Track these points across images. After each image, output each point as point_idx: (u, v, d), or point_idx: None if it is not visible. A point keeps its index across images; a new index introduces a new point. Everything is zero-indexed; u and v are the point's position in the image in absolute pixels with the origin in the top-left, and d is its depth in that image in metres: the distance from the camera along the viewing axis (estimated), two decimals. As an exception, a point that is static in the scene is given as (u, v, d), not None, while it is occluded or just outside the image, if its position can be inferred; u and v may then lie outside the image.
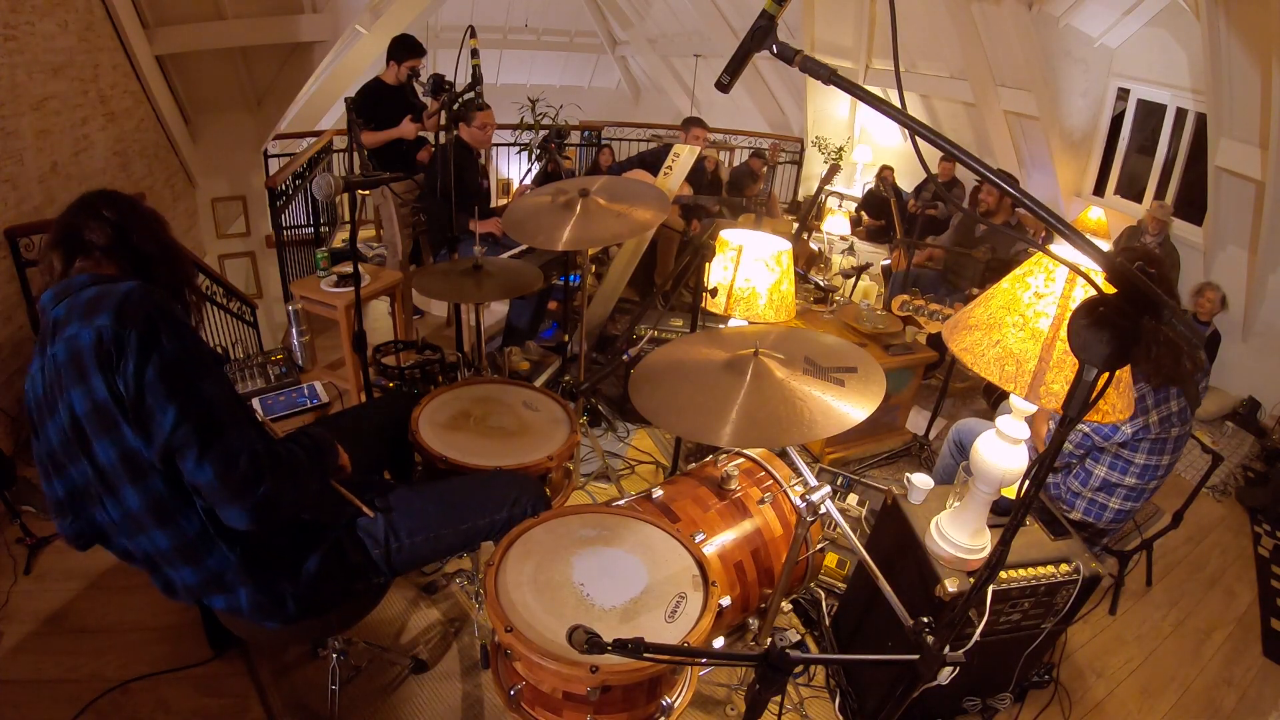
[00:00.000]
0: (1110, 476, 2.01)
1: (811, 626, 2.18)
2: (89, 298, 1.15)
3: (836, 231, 6.09)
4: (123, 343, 1.11)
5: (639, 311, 3.13)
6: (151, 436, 1.14)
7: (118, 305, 1.13)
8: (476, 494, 1.55)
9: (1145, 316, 0.71)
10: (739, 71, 0.94)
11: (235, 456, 1.17)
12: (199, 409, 1.15)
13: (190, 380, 1.16)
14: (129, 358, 1.11)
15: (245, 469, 1.18)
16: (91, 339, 1.11)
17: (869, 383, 1.37)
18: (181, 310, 1.27)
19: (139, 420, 1.14)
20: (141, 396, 1.12)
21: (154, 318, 1.14)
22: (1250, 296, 4.33)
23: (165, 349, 1.13)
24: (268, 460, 1.21)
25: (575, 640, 0.92)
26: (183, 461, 1.16)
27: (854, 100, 5.46)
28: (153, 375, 1.12)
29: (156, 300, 1.17)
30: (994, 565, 0.93)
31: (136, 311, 1.13)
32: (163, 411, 1.13)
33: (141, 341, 1.11)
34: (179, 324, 1.17)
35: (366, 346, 2.36)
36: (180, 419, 1.13)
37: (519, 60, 10.85)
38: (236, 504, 1.19)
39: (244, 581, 1.31)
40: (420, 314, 4.31)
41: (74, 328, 1.13)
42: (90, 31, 3.67)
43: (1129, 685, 2.21)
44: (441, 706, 1.86)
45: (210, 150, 5.09)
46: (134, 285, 1.17)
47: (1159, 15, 4.61)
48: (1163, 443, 1.95)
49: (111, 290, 1.16)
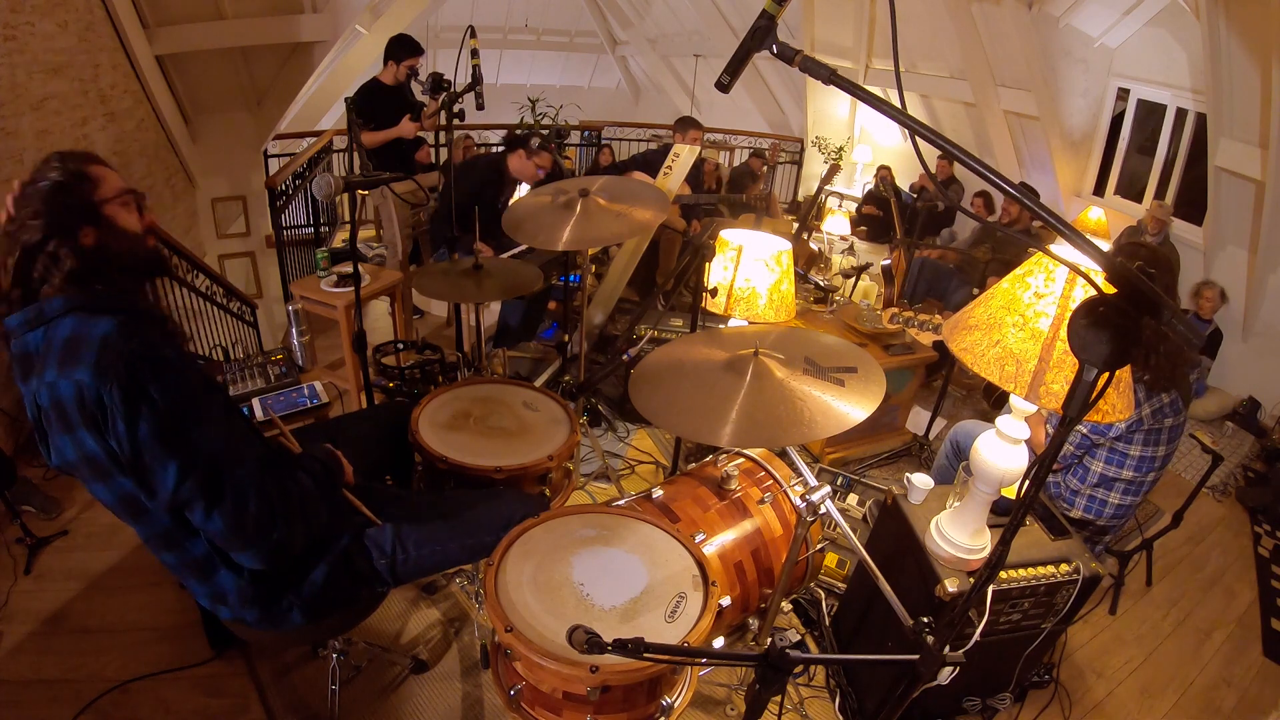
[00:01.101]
0: (1107, 471, 2.01)
1: (811, 626, 2.18)
2: (65, 338, 1.08)
3: (836, 231, 6.09)
4: (105, 401, 1.04)
5: (639, 311, 3.13)
6: (155, 493, 1.11)
7: (96, 357, 1.05)
8: (484, 510, 1.54)
9: (1145, 316, 0.71)
10: (739, 71, 0.94)
11: (245, 505, 1.13)
12: (202, 461, 1.10)
13: (188, 431, 1.10)
14: (116, 417, 1.04)
15: (256, 517, 1.15)
16: (72, 394, 1.05)
17: (869, 383, 1.37)
18: (168, 340, 1.16)
19: (139, 477, 1.10)
20: (139, 455, 1.07)
21: (136, 366, 1.05)
22: (1250, 296, 4.33)
23: (155, 402, 1.06)
24: (279, 503, 1.18)
25: (575, 640, 0.92)
26: (191, 514, 1.14)
27: (854, 100, 5.46)
28: (146, 433, 1.06)
29: (135, 345, 1.07)
30: (994, 565, 0.93)
31: (116, 361, 1.04)
32: (164, 469, 1.08)
33: (126, 396, 1.04)
34: (165, 365, 1.09)
35: (366, 346, 2.36)
36: (183, 475, 1.09)
37: (519, 60, 10.86)
38: (249, 551, 1.18)
39: (250, 601, 1.31)
40: (420, 314, 4.31)
41: (52, 374, 1.06)
42: (90, 31, 3.67)
43: (1129, 685, 2.21)
44: (441, 706, 1.86)
45: (210, 150, 5.09)
46: (111, 328, 1.08)
47: (1159, 15, 4.61)
48: (1157, 433, 1.96)
49: (88, 333, 1.07)
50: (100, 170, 1.18)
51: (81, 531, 2.36)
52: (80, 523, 2.39)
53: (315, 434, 1.69)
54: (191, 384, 1.13)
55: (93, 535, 2.35)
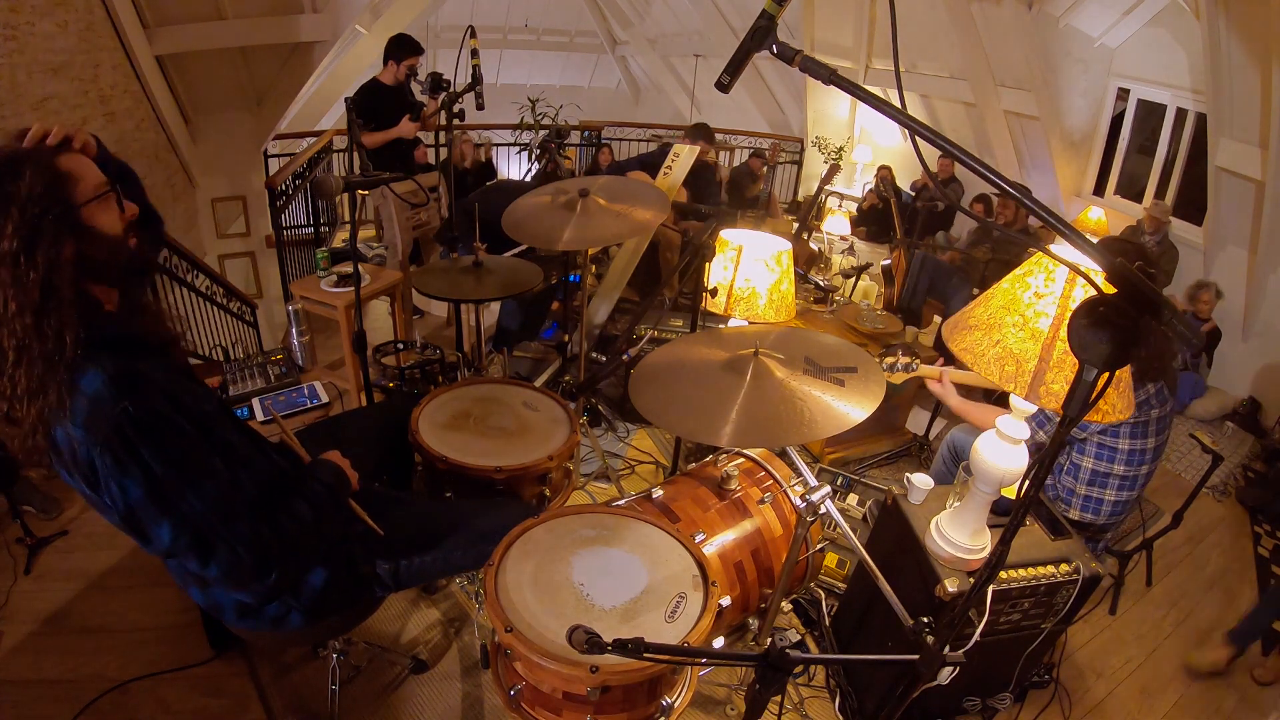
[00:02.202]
0: (1099, 467, 2.01)
1: (811, 626, 2.18)
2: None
3: (836, 231, 6.08)
4: (96, 463, 1.00)
5: (639, 311, 3.13)
6: (149, 543, 1.10)
7: (86, 415, 0.99)
8: (487, 518, 1.54)
9: (1145, 316, 0.71)
10: (739, 71, 0.94)
11: (238, 559, 1.10)
12: (195, 521, 1.06)
13: (183, 493, 1.05)
14: (108, 479, 1.01)
15: (250, 568, 1.12)
16: (66, 442, 1.01)
17: (869, 383, 1.37)
18: (163, 388, 1.06)
19: (133, 530, 1.08)
20: (132, 513, 1.05)
21: (127, 433, 0.99)
22: (1250, 296, 4.33)
23: (149, 465, 1.01)
24: (275, 549, 1.15)
25: (575, 640, 0.92)
26: (186, 564, 1.13)
27: (854, 100, 5.45)
28: (139, 497, 1.03)
29: (127, 405, 1.00)
30: (994, 565, 0.93)
31: (105, 425, 0.99)
32: (157, 526, 1.06)
33: (118, 463, 1.00)
34: (158, 425, 1.02)
35: (366, 346, 2.36)
36: (177, 534, 1.06)
37: (519, 60, 10.85)
38: (244, 592, 1.19)
39: (248, 614, 1.31)
40: (420, 314, 4.31)
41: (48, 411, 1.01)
42: (90, 31, 3.67)
43: (1129, 685, 2.21)
44: (441, 706, 1.85)
45: (210, 150, 5.09)
46: (101, 384, 0.99)
47: (1159, 15, 4.61)
48: (1144, 426, 1.95)
49: (77, 383, 0.99)
50: (73, 162, 1.03)
51: (81, 531, 2.36)
52: (80, 523, 2.39)
53: (315, 434, 1.69)
54: (186, 440, 1.07)
55: (93, 535, 2.35)
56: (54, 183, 0.98)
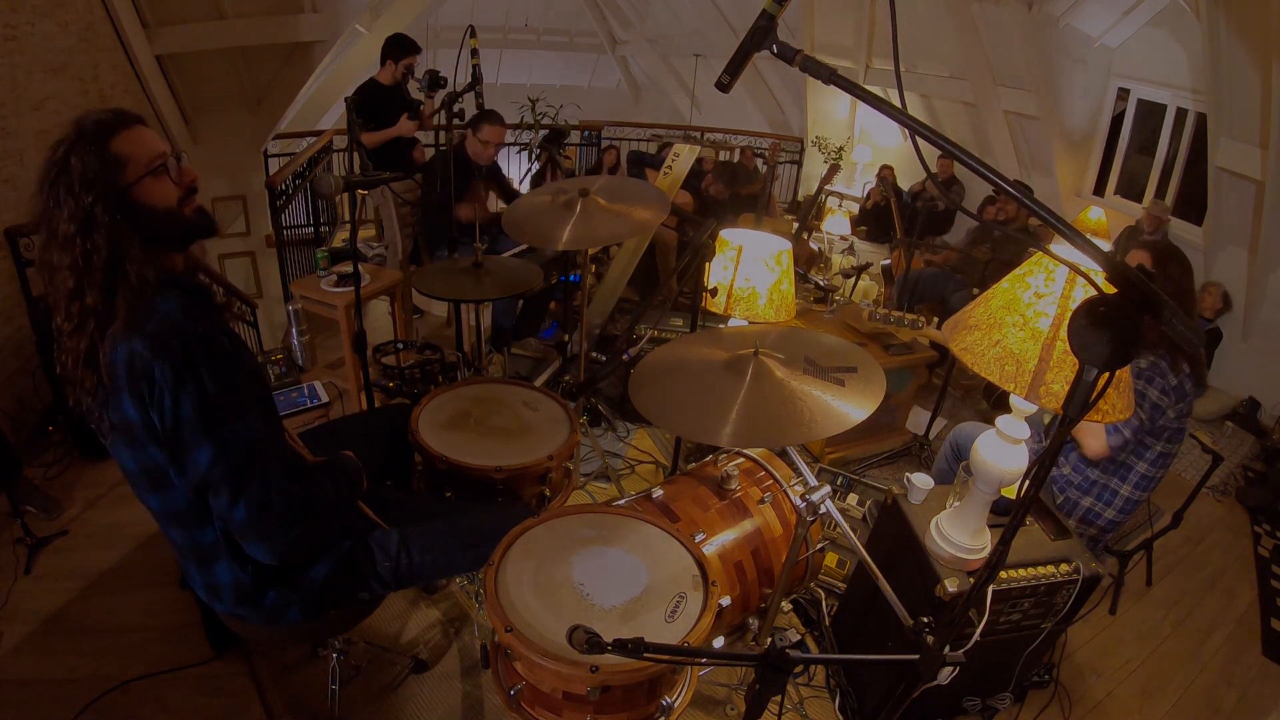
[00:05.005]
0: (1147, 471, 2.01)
1: (811, 626, 2.18)
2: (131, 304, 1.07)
3: (836, 231, 6.08)
4: (154, 375, 1.04)
5: (639, 311, 3.13)
6: (185, 470, 1.11)
7: (155, 331, 1.05)
8: (489, 519, 1.54)
9: (1145, 316, 0.71)
10: (739, 71, 0.94)
11: (269, 498, 1.13)
12: (236, 450, 1.10)
13: (229, 418, 1.10)
14: (164, 391, 1.04)
15: (279, 513, 1.15)
16: (124, 358, 1.05)
17: (869, 383, 1.37)
18: (226, 328, 1.16)
19: (173, 452, 1.10)
20: (178, 431, 1.07)
21: (192, 350, 1.06)
22: (1250, 296, 4.33)
23: (204, 384, 1.06)
24: (302, 504, 1.18)
25: (575, 640, 0.92)
26: (215, 499, 1.13)
27: (854, 100, 5.45)
28: (189, 412, 1.06)
29: (197, 329, 1.08)
30: (994, 565, 0.93)
31: (173, 342, 1.05)
32: (199, 449, 1.08)
33: (177, 376, 1.04)
34: (220, 351, 1.09)
35: (366, 346, 2.36)
36: (216, 459, 1.09)
37: (519, 60, 10.86)
38: (265, 544, 1.18)
39: (246, 599, 1.31)
40: (420, 314, 4.31)
41: (112, 335, 1.06)
42: (90, 31, 3.67)
43: (1129, 685, 2.21)
44: (441, 706, 1.85)
45: (210, 150, 5.08)
46: (174, 307, 1.08)
47: (1159, 15, 4.61)
48: (1179, 433, 1.96)
49: (152, 303, 1.07)
50: (126, 143, 1.09)
51: (81, 531, 2.36)
52: (80, 523, 2.39)
53: (318, 437, 1.69)
54: (241, 374, 1.14)
55: (93, 535, 2.35)
56: (104, 167, 1.06)
